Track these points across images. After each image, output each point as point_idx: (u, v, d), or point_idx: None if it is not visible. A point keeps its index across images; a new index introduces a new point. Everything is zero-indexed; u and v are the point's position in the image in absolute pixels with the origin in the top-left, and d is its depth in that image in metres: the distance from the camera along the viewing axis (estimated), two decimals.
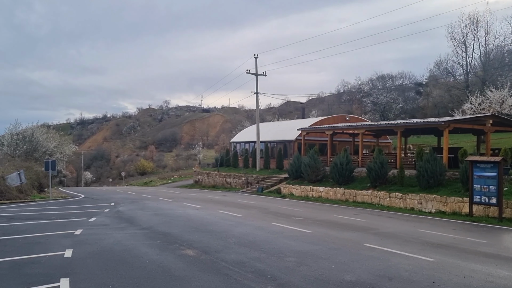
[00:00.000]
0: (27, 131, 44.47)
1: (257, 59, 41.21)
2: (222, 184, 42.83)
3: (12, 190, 26.66)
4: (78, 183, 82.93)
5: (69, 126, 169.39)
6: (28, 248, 10.44)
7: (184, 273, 8.02)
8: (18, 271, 8.10)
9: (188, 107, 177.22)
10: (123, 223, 15.47)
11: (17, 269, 8.29)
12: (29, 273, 7.99)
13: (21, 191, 27.73)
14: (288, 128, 43.64)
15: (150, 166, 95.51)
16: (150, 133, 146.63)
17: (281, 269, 8.37)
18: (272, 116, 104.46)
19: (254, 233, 13.00)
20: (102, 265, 8.68)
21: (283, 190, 30.63)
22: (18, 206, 22.93)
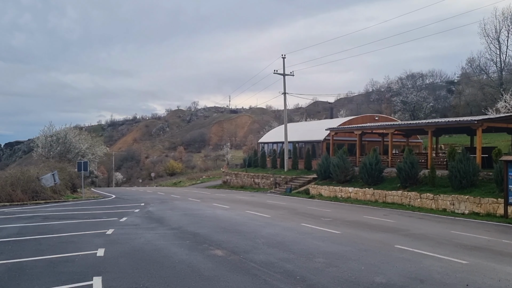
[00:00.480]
0: (60, 133, 45.55)
1: (284, 59, 41.16)
2: (250, 185, 42.89)
3: (46, 190, 27.36)
4: (109, 184, 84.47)
5: (100, 127, 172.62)
6: (62, 247, 10.68)
7: (213, 273, 8.05)
8: (53, 269, 8.29)
9: (216, 108, 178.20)
10: (153, 223, 15.66)
11: (52, 267, 8.48)
12: (63, 271, 8.17)
13: (55, 191, 28.44)
14: (316, 128, 43.36)
15: (179, 166, 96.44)
16: (179, 134, 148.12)
17: (310, 270, 8.31)
18: (300, 116, 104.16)
19: (282, 233, 12.97)
20: (133, 264, 8.80)
21: (312, 191, 30.46)
22: (52, 206, 23.51)
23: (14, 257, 9.35)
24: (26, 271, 8.18)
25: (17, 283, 7.32)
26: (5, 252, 9.99)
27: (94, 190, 46.53)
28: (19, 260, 9.08)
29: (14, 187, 25.06)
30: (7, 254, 9.69)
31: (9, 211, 20.12)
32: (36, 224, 15.37)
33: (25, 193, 25.37)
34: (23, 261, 9.05)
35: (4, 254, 9.74)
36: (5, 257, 9.40)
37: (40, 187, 27.02)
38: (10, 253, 9.88)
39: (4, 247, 10.57)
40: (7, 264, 8.71)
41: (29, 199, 25.24)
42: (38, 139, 46.73)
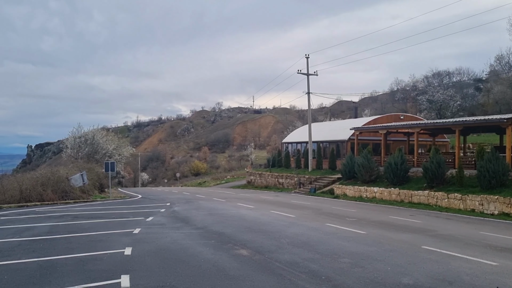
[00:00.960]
0: (88, 134, 46.41)
1: (308, 59, 41.02)
2: (275, 185, 42.89)
3: (75, 190, 27.95)
4: (135, 184, 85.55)
5: (126, 128, 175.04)
6: (91, 245, 10.92)
7: (239, 273, 8.12)
8: (82, 267, 8.48)
9: (240, 108, 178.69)
10: (178, 222, 15.84)
11: (82, 265, 8.68)
12: (92, 269, 8.36)
13: (83, 191, 29.02)
14: (341, 128, 43.08)
15: (204, 167, 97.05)
16: (203, 135, 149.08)
17: (335, 270, 8.30)
18: (324, 116, 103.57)
19: (307, 233, 12.96)
20: (160, 263, 8.93)
21: (336, 191, 30.30)
22: (81, 206, 23.99)
23: (45, 255, 9.60)
24: (57, 268, 8.39)
25: (48, 280, 7.52)
26: (37, 250, 10.26)
27: (121, 190, 47.24)
28: (50, 258, 9.32)
29: (45, 187, 25.68)
30: (38, 252, 9.96)
31: (40, 210, 20.62)
32: (66, 223, 15.72)
33: (55, 193, 25.96)
34: (54, 259, 9.29)
35: (36, 252, 10.01)
36: (37, 255, 9.66)
37: (70, 187, 27.62)
38: (41, 251, 10.15)
39: (36, 245, 10.86)
40: (38, 262, 8.95)
41: (59, 199, 25.81)
42: (67, 140, 47.75)
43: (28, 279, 7.58)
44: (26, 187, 24.91)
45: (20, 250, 10.23)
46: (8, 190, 24.67)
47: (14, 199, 23.85)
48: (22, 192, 24.43)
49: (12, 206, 22.67)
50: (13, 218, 17.54)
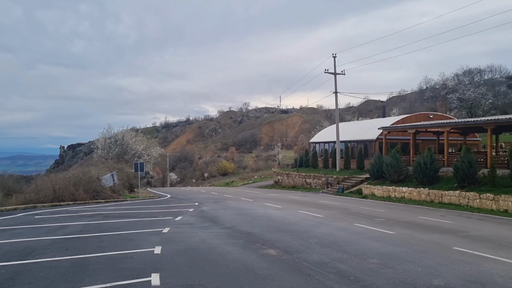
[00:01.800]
0: (118, 135, 47.25)
1: (335, 58, 40.76)
2: (302, 185, 42.76)
3: (106, 190, 28.53)
4: (164, 184, 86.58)
5: (155, 129, 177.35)
6: (121, 244, 11.13)
7: (267, 272, 8.14)
8: (113, 265, 8.66)
9: (267, 108, 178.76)
10: (207, 222, 15.98)
11: (113, 263, 8.86)
12: (123, 267, 8.52)
13: (114, 191, 29.59)
14: (368, 128, 42.66)
15: (231, 167, 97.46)
16: (230, 135, 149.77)
17: (364, 271, 8.24)
18: (352, 115, 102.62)
19: (335, 233, 12.89)
20: (189, 262, 9.04)
21: (364, 191, 30.02)
22: (111, 205, 24.46)
23: (78, 253, 9.83)
24: (89, 266, 8.59)
25: (81, 278, 7.70)
26: (69, 248, 10.52)
27: (150, 190, 47.91)
28: (83, 256, 9.54)
29: (77, 187, 26.29)
30: (71, 250, 10.21)
31: (72, 210, 21.12)
32: (97, 222, 16.06)
33: (87, 193, 26.55)
34: (86, 257, 9.50)
35: (69, 250, 10.26)
36: (70, 253, 9.91)
37: (100, 187, 28.21)
38: (74, 249, 10.40)
39: (69, 244, 11.14)
40: (71, 260, 9.17)
41: (90, 198, 26.38)
42: (97, 141, 48.77)
43: (61, 277, 7.78)
44: (59, 187, 25.55)
45: (53, 248, 10.51)
46: (42, 189, 25.36)
47: (48, 199, 24.49)
48: (55, 191, 25.07)
49: (46, 205, 23.28)
50: (47, 217, 18.01)
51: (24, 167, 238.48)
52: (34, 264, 8.80)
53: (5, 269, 8.35)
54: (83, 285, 7.23)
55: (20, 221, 16.45)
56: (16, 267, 8.50)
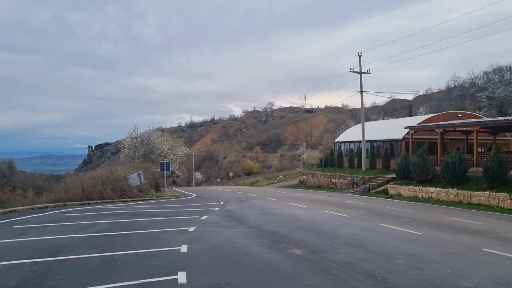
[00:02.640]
0: (144, 134, 47.85)
1: (360, 57, 40.45)
2: (327, 184, 42.55)
3: (133, 189, 28.96)
4: (189, 183, 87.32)
5: (180, 129, 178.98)
6: (149, 242, 11.28)
7: (293, 272, 8.14)
8: (141, 263, 8.79)
9: (291, 108, 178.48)
10: (232, 221, 16.06)
11: (141, 261, 9.00)
12: (150, 265, 8.64)
13: (140, 190, 30.01)
14: (395, 127, 42.16)
15: (256, 166, 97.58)
16: (255, 135, 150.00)
17: (391, 272, 8.16)
18: (377, 114, 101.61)
19: (361, 233, 12.79)
20: (215, 261, 9.10)
21: (390, 191, 29.68)
22: (138, 204, 24.80)
23: (106, 251, 10.02)
24: (118, 264, 8.74)
25: (110, 275, 7.84)
26: (99, 246, 10.73)
27: (176, 189, 48.38)
28: (111, 254, 9.71)
29: (105, 186, 26.76)
30: (100, 248, 10.40)
31: (100, 208, 21.51)
32: (125, 220, 16.32)
33: (114, 191, 27.00)
34: (114, 254, 9.67)
35: (98, 248, 10.46)
36: (99, 250, 10.10)
37: (127, 186, 28.64)
38: (103, 247, 10.59)
39: (98, 241, 11.36)
40: (101, 257, 9.35)
41: (117, 197, 26.81)
42: (124, 141, 49.47)
43: (91, 273, 7.94)
44: (88, 186, 26.06)
45: (83, 246, 10.72)
46: (71, 188, 25.92)
47: (77, 197, 25.01)
48: (84, 190, 25.58)
49: (75, 203, 23.77)
50: (76, 215, 18.39)
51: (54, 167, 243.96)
52: (65, 261, 9.01)
53: (37, 265, 8.56)
54: (112, 282, 7.36)
55: (50, 219, 16.84)
56: (48, 264, 8.71)
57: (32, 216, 17.97)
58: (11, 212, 19.46)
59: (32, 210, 20.58)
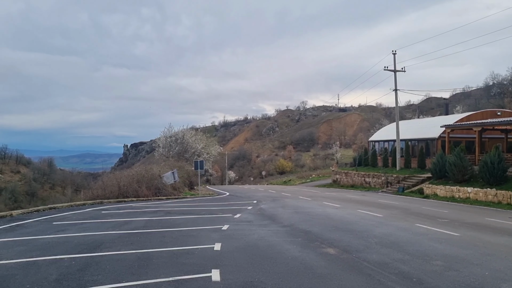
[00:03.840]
0: (178, 133, 48.52)
1: (395, 55, 39.78)
2: (361, 184, 42.08)
3: (167, 187, 29.41)
4: (222, 182, 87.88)
5: (213, 128, 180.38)
6: (183, 240, 11.43)
7: (326, 271, 8.09)
8: (175, 260, 8.92)
9: (324, 107, 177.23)
10: (265, 220, 16.08)
11: (175, 258, 9.13)
12: (184, 262, 8.76)
13: (174, 188, 30.45)
14: (430, 126, 41.32)
15: (289, 165, 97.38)
16: (288, 134, 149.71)
17: (427, 273, 8.00)
18: (412, 113, 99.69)
19: (396, 233, 12.60)
20: (248, 259, 9.14)
21: (426, 190, 29.10)
22: (172, 202, 25.16)
23: (142, 248, 10.21)
24: (153, 260, 8.89)
25: (145, 271, 7.99)
26: (134, 243, 10.95)
27: (209, 188, 48.79)
28: (146, 251, 9.89)
29: (140, 184, 27.28)
30: (136, 245, 10.61)
31: (136, 206, 21.94)
32: (160, 218, 16.59)
33: (149, 190, 27.49)
34: (149, 251, 9.84)
35: (134, 244, 10.67)
36: (135, 247, 10.30)
37: (162, 184, 29.10)
38: (138, 244, 10.80)
39: (133, 238, 11.59)
40: (136, 254, 9.54)
41: (152, 195, 27.28)
42: (159, 140, 50.31)
43: (127, 269, 8.11)
44: (124, 184, 26.62)
45: (119, 242, 10.97)
46: (108, 186, 26.53)
47: (113, 195, 25.59)
48: (120, 188, 26.14)
49: (112, 201, 24.32)
50: (113, 212, 18.82)
51: (91, 165, 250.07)
52: (102, 257, 9.23)
53: (75, 261, 8.81)
54: (147, 278, 7.49)
55: (88, 216, 17.30)
56: (86, 259, 8.95)
57: (70, 213, 18.51)
58: (51, 209, 20.09)
59: (71, 207, 21.17)
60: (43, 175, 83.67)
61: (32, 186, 76.15)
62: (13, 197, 65.59)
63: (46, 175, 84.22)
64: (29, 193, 73.38)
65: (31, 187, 75.70)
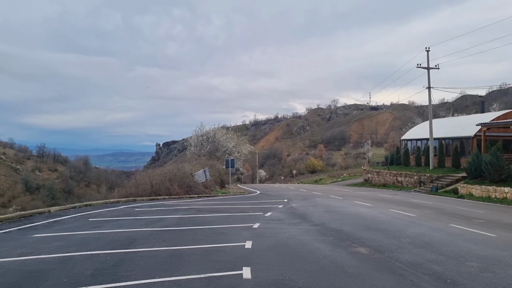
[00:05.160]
0: (210, 132, 48.94)
1: (428, 52, 39.04)
2: (393, 183, 41.51)
3: (199, 186, 29.73)
4: (253, 180, 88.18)
5: (244, 127, 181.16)
6: (214, 237, 11.55)
7: (357, 271, 8.03)
8: (207, 257, 9.02)
9: (356, 105, 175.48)
10: (296, 218, 16.06)
11: (206, 255, 9.24)
12: (216, 259, 8.85)
13: (206, 186, 30.75)
14: (465, 124, 40.37)
15: (320, 164, 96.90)
16: (319, 132, 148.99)
17: (462, 274, 7.85)
18: (446, 111, 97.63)
19: (429, 234, 12.38)
20: (279, 257, 9.16)
21: (461, 190, 28.46)
22: (204, 200, 25.41)
23: (174, 245, 10.36)
24: (185, 257, 9.02)
25: (177, 267, 8.12)
26: (167, 240, 11.12)
27: (240, 186, 49.04)
28: (179, 248, 10.03)
29: (172, 182, 27.65)
30: (168, 242, 10.78)
31: (168, 204, 22.26)
32: (191, 216, 16.79)
33: (181, 188, 27.84)
34: (181, 248, 9.98)
35: (166, 241, 10.85)
36: (167, 244, 10.47)
37: (193, 182, 29.43)
38: (171, 241, 10.97)
39: (166, 235, 11.78)
40: (168, 251, 9.69)
41: (184, 193, 27.61)
42: (190, 139, 50.86)
43: (160, 266, 8.25)
44: (156, 182, 27.03)
45: (152, 239, 11.16)
46: (141, 184, 27.00)
47: (146, 193, 26.02)
48: (152, 186, 26.57)
49: (144, 199, 24.74)
50: (146, 210, 19.16)
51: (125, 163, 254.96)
52: (136, 253, 9.43)
53: (110, 256, 9.03)
54: (179, 274, 7.60)
55: (122, 213, 17.67)
56: (120, 255, 9.16)
57: (105, 210, 18.94)
58: (87, 206, 20.61)
59: (105, 204, 21.66)
60: (79, 173, 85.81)
61: (68, 184, 78.24)
62: (51, 194, 67.56)
63: (82, 173, 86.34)
64: (66, 190, 75.42)
65: (67, 185, 77.77)
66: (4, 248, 9.91)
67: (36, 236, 11.66)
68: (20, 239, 11.15)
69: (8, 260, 8.64)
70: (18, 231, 12.55)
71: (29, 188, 72.50)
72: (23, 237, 11.55)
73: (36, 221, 14.90)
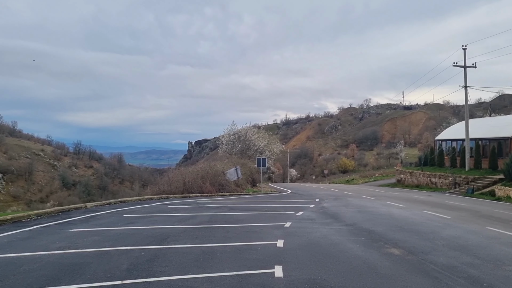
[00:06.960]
0: (241, 131, 49.18)
1: (465, 50, 38.13)
2: (426, 184, 40.75)
3: (230, 184, 29.95)
4: (284, 179, 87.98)
5: (275, 126, 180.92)
6: (246, 235, 11.62)
7: (390, 272, 7.95)
8: (239, 255, 9.10)
9: (389, 105, 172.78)
10: (328, 218, 15.99)
11: (238, 253, 9.32)
12: (248, 257, 8.91)
13: (237, 184, 30.93)
14: (503, 124, 39.21)
15: (351, 164, 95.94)
16: (350, 132, 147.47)
17: (499, 278, 7.66)
18: (483, 111, 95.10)
19: (465, 236, 12.12)
20: (310, 256, 9.15)
21: (498, 192, 27.70)
22: (235, 198, 25.57)
23: (206, 242, 10.49)
24: (217, 255, 9.12)
25: (210, 265, 8.22)
26: (199, 237, 11.27)
27: (271, 185, 49.07)
28: (211, 245, 10.15)
29: (204, 180, 27.95)
30: (201, 239, 10.92)
31: (199, 201, 22.51)
32: (223, 214, 16.95)
33: (213, 186, 28.11)
34: (214, 245, 10.10)
35: (199, 238, 10.99)
36: (200, 241, 10.61)
37: (225, 180, 29.66)
38: (203, 238, 11.11)
39: (198, 233, 11.94)
40: (201, 248, 9.82)
41: (216, 191, 27.87)
42: (222, 137, 51.28)
43: (193, 262, 8.37)
44: (188, 180, 27.39)
45: (185, 236, 11.33)
46: (174, 182, 27.42)
47: (178, 190, 26.40)
48: (185, 184, 26.93)
49: (177, 196, 25.10)
50: (178, 207, 19.43)
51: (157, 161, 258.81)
52: (169, 249, 9.59)
53: (144, 252, 9.22)
54: (212, 271, 7.70)
55: (156, 210, 17.99)
56: (154, 251, 9.34)
57: (139, 206, 19.32)
58: (121, 202, 21.09)
59: (139, 201, 22.08)
60: (113, 170, 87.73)
61: (103, 181, 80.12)
62: (87, 190, 69.37)
63: (116, 170, 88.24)
64: (101, 187, 77.27)
65: (102, 181, 79.66)
66: (43, 242, 10.26)
67: (73, 230, 12.03)
68: (59, 233, 11.52)
69: (48, 253, 8.95)
70: (57, 226, 12.97)
71: (66, 184, 74.63)
72: (61, 231, 11.93)
73: (73, 216, 15.37)
